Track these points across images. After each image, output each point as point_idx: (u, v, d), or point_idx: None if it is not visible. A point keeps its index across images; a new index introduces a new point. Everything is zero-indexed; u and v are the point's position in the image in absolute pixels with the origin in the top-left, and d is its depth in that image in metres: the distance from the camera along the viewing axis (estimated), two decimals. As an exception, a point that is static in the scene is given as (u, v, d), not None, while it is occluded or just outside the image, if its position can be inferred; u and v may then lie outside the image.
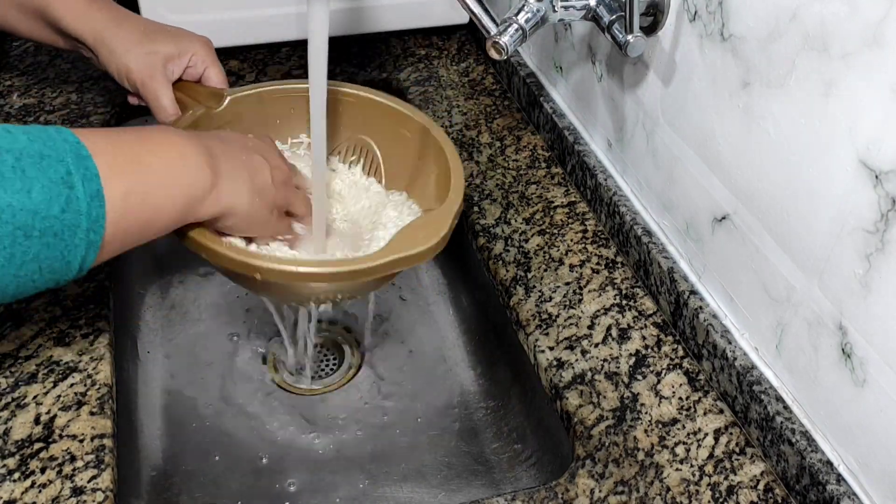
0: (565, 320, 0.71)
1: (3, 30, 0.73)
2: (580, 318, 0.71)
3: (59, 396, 0.62)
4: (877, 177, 0.48)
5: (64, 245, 0.46)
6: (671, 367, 0.67)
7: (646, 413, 0.64)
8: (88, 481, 0.57)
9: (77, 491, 0.57)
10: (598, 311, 0.72)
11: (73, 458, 0.58)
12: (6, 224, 0.43)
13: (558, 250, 0.78)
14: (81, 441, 0.60)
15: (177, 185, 0.53)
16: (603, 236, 0.79)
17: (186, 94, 0.72)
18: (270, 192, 0.61)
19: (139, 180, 0.50)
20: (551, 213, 0.82)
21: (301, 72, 0.99)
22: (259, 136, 0.65)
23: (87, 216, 0.46)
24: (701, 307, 0.67)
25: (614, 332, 0.70)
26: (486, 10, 0.68)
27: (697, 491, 0.59)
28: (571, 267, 0.76)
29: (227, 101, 0.72)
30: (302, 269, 0.57)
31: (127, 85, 0.71)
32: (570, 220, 0.81)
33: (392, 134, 0.74)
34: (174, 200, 0.53)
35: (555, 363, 0.68)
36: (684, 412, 0.64)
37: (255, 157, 0.60)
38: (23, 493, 0.56)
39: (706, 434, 0.63)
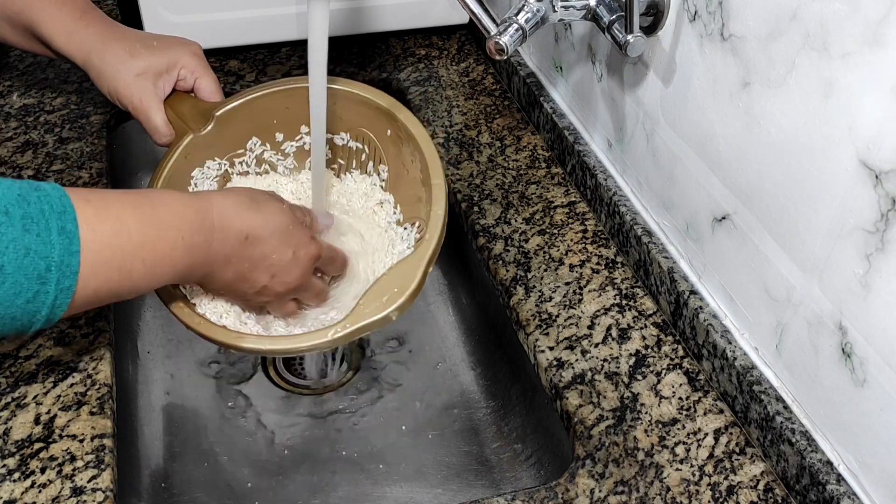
0: (565, 320, 0.71)
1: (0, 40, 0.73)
2: (580, 318, 0.71)
3: (59, 396, 0.62)
4: (877, 177, 0.48)
5: (20, 324, 0.46)
6: (671, 367, 0.67)
7: (646, 413, 0.64)
8: (88, 481, 0.57)
9: (77, 491, 0.57)
10: (598, 311, 0.72)
11: (73, 458, 0.58)
12: None
13: (558, 250, 0.78)
14: (81, 441, 0.60)
15: (151, 285, 0.53)
16: (603, 236, 0.79)
17: (176, 111, 0.71)
18: (246, 299, 0.62)
19: (117, 282, 0.50)
20: (551, 213, 0.82)
21: (301, 72, 0.99)
22: (313, 241, 0.62)
23: (51, 306, 0.46)
24: (701, 307, 0.67)
25: (614, 332, 0.70)
26: (486, 10, 0.68)
27: (697, 491, 0.59)
28: (571, 267, 0.76)
29: (213, 122, 0.71)
30: (252, 347, 0.60)
31: (119, 106, 0.70)
32: (570, 220, 0.81)
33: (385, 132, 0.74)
34: (141, 291, 0.54)
35: (555, 363, 0.68)
36: (684, 412, 0.64)
37: (257, 273, 0.59)
38: (23, 493, 0.56)
39: (706, 434, 0.63)
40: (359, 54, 1.04)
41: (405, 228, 0.71)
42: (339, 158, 0.77)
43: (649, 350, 0.69)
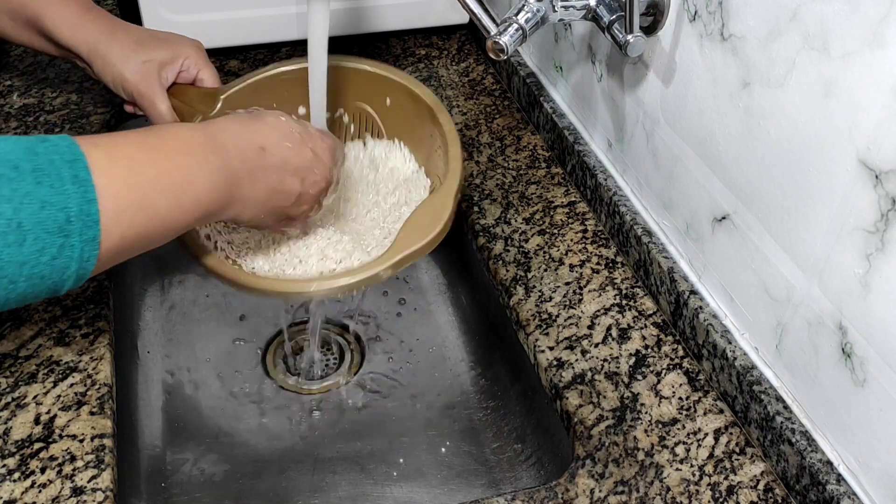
0: (565, 320, 0.71)
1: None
2: (580, 318, 0.71)
3: (59, 396, 0.62)
4: (877, 177, 0.48)
5: (51, 282, 0.45)
6: (671, 367, 0.67)
7: (646, 413, 0.64)
8: (88, 481, 0.57)
9: (77, 491, 0.57)
10: (598, 311, 0.72)
11: (73, 458, 0.58)
12: None
13: (558, 250, 0.78)
14: (81, 441, 0.60)
15: (181, 223, 0.52)
16: (603, 236, 0.79)
17: (181, 99, 0.73)
18: (282, 213, 0.61)
19: (143, 224, 0.49)
20: (551, 213, 0.82)
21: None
22: (326, 142, 0.62)
23: (79, 259, 0.45)
24: (701, 307, 0.67)
25: (614, 332, 0.70)
26: (486, 10, 0.68)
27: (697, 491, 0.59)
28: (571, 267, 0.76)
29: (220, 103, 0.73)
30: (306, 290, 0.61)
31: (123, 94, 0.71)
32: (570, 220, 0.81)
33: (383, 100, 0.76)
34: (174, 232, 0.52)
35: (555, 363, 0.68)
36: (684, 412, 0.64)
37: (288, 181, 0.58)
38: (23, 493, 0.56)
39: (706, 434, 0.63)
40: (359, 54, 1.04)
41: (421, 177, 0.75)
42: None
43: (649, 350, 0.69)
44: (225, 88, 0.74)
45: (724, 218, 0.64)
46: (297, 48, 1.03)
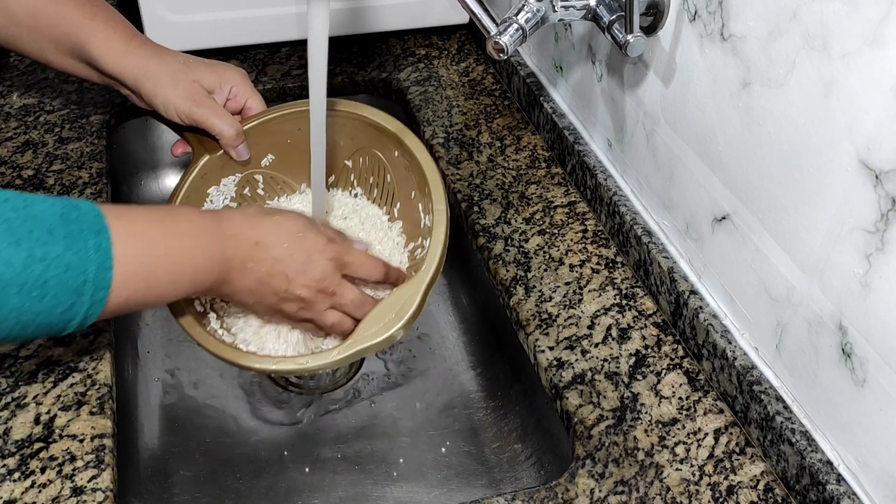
0: (565, 320, 0.71)
1: (38, 62, 0.73)
2: (580, 317, 0.71)
3: (59, 396, 0.62)
4: (877, 177, 0.48)
5: (54, 330, 0.50)
6: (671, 366, 0.68)
7: (646, 413, 0.64)
8: (88, 481, 0.57)
9: (77, 491, 0.57)
10: (598, 310, 0.72)
11: (73, 458, 0.58)
12: (8, 321, 0.47)
13: (558, 250, 0.78)
14: (81, 441, 0.60)
15: (176, 294, 0.57)
16: (603, 236, 0.79)
17: (193, 132, 0.72)
18: (270, 305, 0.62)
19: (145, 291, 0.53)
20: (551, 213, 0.82)
21: (301, 71, 0.99)
22: (327, 248, 0.62)
23: (84, 315, 0.50)
24: (701, 307, 0.67)
25: (614, 332, 0.70)
26: (486, 10, 0.68)
27: (697, 491, 0.59)
28: (571, 267, 0.76)
29: None
30: (256, 366, 0.62)
31: (176, 117, 0.70)
32: (570, 220, 0.81)
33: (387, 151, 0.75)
34: (168, 301, 0.58)
35: (555, 363, 0.68)
36: (684, 412, 0.64)
37: (275, 277, 0.60)
38: (23, 493, 0.56)
39: (706, 434, 0.63)
40: (359, 54, 1.04)
41: (405, 244, 0.73)
42: (349, 177, 0.78)
43: (649, 350, 0.69)
44: (241, 124, 0.73)
45: (724, 218, 0.64)
46: (297, 48, 1.03)
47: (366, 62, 1.03)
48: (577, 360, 0.68)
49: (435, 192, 0.68)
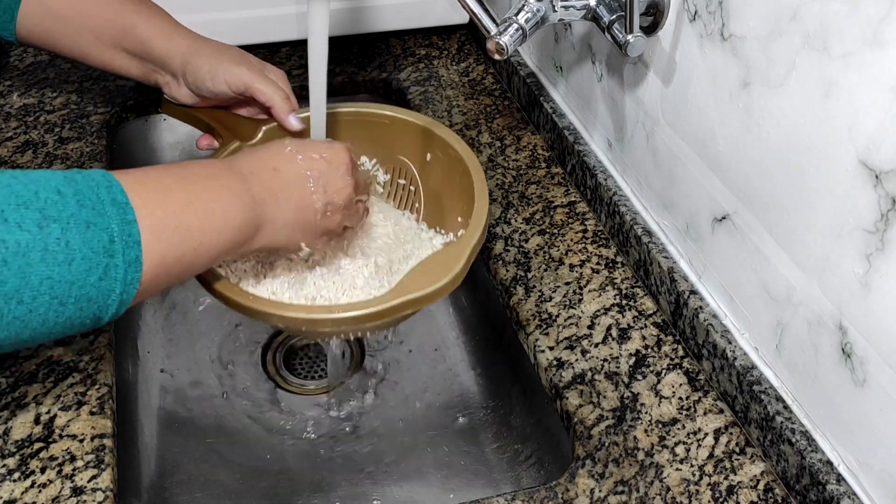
0: (565, 320, 0.71)
1: (71, 58, 0.73)
2: (580, 317, 0.71)
3: (59, 396, 0.62)
4: (877, 177, 0.48)
5: (97, 307, 0.46)
6: (671, 366, 0.68)
7: (646, 413, 0.64)
8: (88, 481, 0.57)
9: (77, 491, 0.57)
10: (598, 310, 0.72)
11: (73, 458, 0.58)
12: (43, 295, 0.43)
13: (558, 250, 0.78)
14: (81, 441, 0.60)
15: (216, 245, 0.52)
16: (603, 236, 0.79)
17: (223, 124, 0.72)
18: (314, 228, 0.60)
19: (179, 244, 0.50)
20: (551, 213, 0.82)
21: (301, 71, 0.99)
22: (335, 148, 0.62)
23: (123, 281, 0.46)
24: (701, 307, 0.67)
25: (614, 332, 0.70)
26: (486, 10, 0.68)
27: (697, 491, 0.59)
28: (571, 267, 0.76)
29: (261, 133, 0.72)
30: (301, 316, 0.59)
31: (224, 85, 0.70)
32: (570, 220, 0.81)
33: (423, 155, 0.76)
34: (210, 256, 0.53)
35: (555, 363, 0.68)
36: (684, 412, 0.64)
37: (309, 194, 0.58)
38: (23, 493, 0.56)
39: (706, 434, 0.63)
40: (359, 54, 1.04)
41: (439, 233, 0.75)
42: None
43: (649, 350, 0.69)
44: (268, 120, 0.73)
45: (724, 218, 0.64)
46: (298, 48, 1.03)
47: (366, 62, 1.03)
48: (577, 360, 0.68)
49: (473, 169, 0.69)
